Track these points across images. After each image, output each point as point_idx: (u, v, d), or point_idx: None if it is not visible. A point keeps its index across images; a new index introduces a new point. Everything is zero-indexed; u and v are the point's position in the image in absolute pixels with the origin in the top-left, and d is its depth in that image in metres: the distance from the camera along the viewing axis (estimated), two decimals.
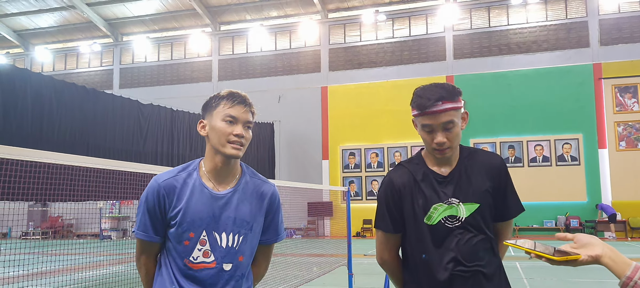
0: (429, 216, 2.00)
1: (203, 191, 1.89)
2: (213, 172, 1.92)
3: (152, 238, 1.91)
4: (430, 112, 1.93)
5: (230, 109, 1.88)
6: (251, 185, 1.99)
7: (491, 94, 20.45)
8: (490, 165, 2.07)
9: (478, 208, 1.99)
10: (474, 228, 1.99)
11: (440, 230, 1.99)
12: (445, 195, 2.00)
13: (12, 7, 24.92)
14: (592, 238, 1.38)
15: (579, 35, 20.19)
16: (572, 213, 18.88)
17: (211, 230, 1.87)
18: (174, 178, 1.91)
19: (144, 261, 1.97)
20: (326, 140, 22.19)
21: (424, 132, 1.99)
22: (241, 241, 1.91)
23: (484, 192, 2.01)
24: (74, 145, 10.20)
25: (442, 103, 1.92)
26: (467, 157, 2.08)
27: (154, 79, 25.63)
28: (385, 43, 22.40)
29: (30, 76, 9.92)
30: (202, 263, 1.86)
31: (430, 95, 1.94)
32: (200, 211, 1.86)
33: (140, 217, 1.91)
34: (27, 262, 9.48)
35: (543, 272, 10.22)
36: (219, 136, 1.87)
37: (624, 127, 19.10)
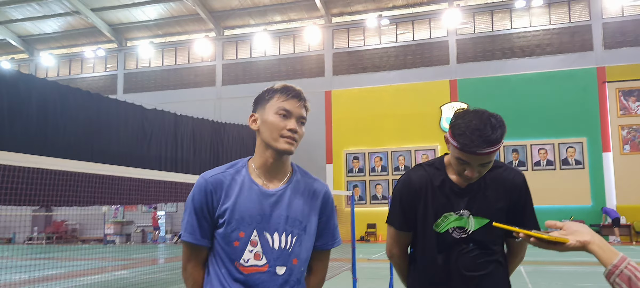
0: (438, 224, 2.03)
1: (252, 188, 1.79)
2: (263, 168, 1.83)
3: (200, 241, 1.78)
4: (472, 154, 1.87)
5: (284, 102, 1.80)
6: (303, 183, 1.89)
7: (495, 97, 20.40)
8: (512, 183, 2.07)
9: (487, 224, 2.00)
10: (481, 243, 2.01)
11: (447, 239, 2.01)
12: (457, 206, 2.02)
13: (17, 12, 25.08)
14: (581, 226, 1.39)
15: (582, 38, 20.15)
16: (577, 217, 18.79)
17: (262, 229, 1.75)
18: (222, 174, 1.81)
19: (191, 269, 1.82)
20: (330, 144, 22.19)
21: (456, 161, 1.95)
22: (294, 242, 1.78)
23: (497, 209, 2.02)
24: (78, 150, 10.23)
25: (487, 147, 1.85)
26: (491, 171, 2.05)
27: (157, 83, 25.70)
28: (388, 47, 22.42)
29: (34, 81, 9.97)
30: (254, 266, 1.73)
31: (477, 140, 1.84)
32: (249, 209, 1.75)
33: (187, 219, 1.79)
34: (32, 267, 9.52)
35: (548, 276, 10.18)
36: (271, 130, 1.78)
37: (628, 131, 19.02)
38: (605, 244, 1.34)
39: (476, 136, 1.84)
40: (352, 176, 21.72)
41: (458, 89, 20.99)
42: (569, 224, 1.41)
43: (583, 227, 1.39)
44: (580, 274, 10.48)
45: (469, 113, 1.92)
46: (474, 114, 1.91)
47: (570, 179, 19.24)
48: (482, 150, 1.84)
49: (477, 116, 1.89)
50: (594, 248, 1.34)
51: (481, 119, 1.87)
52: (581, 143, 19.36)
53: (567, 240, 1.35)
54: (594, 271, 10.67)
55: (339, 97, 22.37)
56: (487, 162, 1.91)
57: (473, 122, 1.87)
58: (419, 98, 20.85)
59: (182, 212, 1.97)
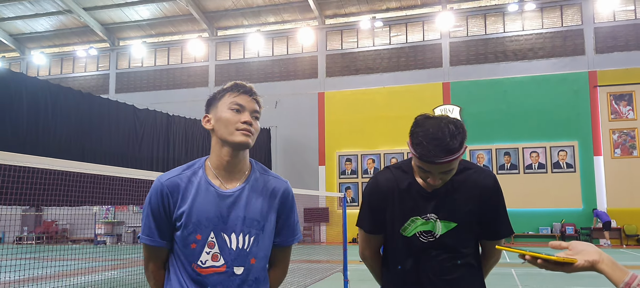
0: (405, 228, 1.99)
1: (209, 189, 1.78)
2: (220, 168, 1.81)
3: (158, 243, 1.79)
4: (431, 163, 1.82)
5: (236, 97, 1.80)
6: (261, 181, 1.87)
7: (487, 100, 20.51)
8: (482, 186, 1.99)
9: (455, 227, 1.96)
10: (449, 248, 1.97)
11: (414, 243, 1.98)
12: (424, 210, 1.97)
13: (9, 11, 24.88)
14: (587, 246, 1.36)
15: (574, 43, 20.30)
16: (568, 220, 18.92)
17: (219, 231, 1.75)
18: (178, 177, 1.80)
19: (152, 269, 1.85)
20: (323, 146, 22.18)
21: (418, 170, 1.92)
22: (252, 242, 1.79)
23: (466, 212, 1.97)
24: (69, 150, 10.16)
25: (446, 156, 1.80)
26: (460, 173, 1.99)
27: (150, 83, 25.59)
28: (382, 49, 22.46)
29: (26, 80, 9.89)
30: (211, 267, 1.75)
31: (434, 150, 1.79)
32: (206, 211, 1.75)
33: (144, 221, 1.80)
34: (21, 267, 9.42)
35: (539, 278, 10.22)
36: (226, 125, 1.77)
37: (619, 135, 19.18)
38: (613, 263, 1.32)
39: (433, 146, 1.79)
40: (344, 178, 21.73)
41: (451, 91, 21.07)
42: (575, 244, 1.38)
43: (590, 246, 1.36)
44: (571, 277, 10.53)
45: (428, 120, 1.86)
46: (432, 121, 1.85)
47: (562, 182, 19.36)
48: (440, 159, 1.79)
49: (435, 124, 1.83)
50: (602, 267, 1.31)
51: (439, 127, 1.81)
52: (573, 146, 19.48)
53: (575, 260, 1.32)
54: (584, 274, 10.72)
55: (332, 98, 22.37)
56: (449, 170, 1.87)
57: (430, 130, 1.81)
58: (412, 100, 20.90)
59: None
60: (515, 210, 19.61)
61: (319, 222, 21.85)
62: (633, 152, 18.96)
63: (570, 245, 1.39)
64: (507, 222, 2.05)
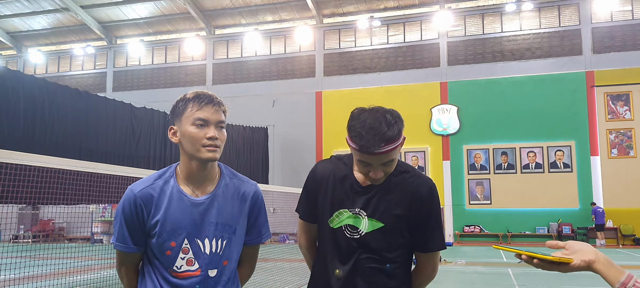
0: (332, 219, 1.98)
1: (181, 198, 1.81)
2: (190, 177, 1.83)
3: (131, 249, 1.84)
4: (371, 154, 1.79)
5: (198, 111, 1.77)
6: (231, 186, 1.91)
7: (484, 100, 20.54)
8: (415, 192, 1.93)
9: (382, 228, 1.91)
10: (372, 247, 1.92)
11: (339, 236, 1.96)
12: (353, 204, 1.95)
13: (5, 8, 24.79)
14: (584, 246, 1.37)
15: (572, 43, 20.34)
16: (565, 220, 18.96)
17: (193, 237, 1.80)
18: (151, 187, 1.82)
19: (124, 272, 1.91)
20: (320, 145, 22.19)
21: (359, 164, 1.87)
22: (225, 245, 1.85)
23: (395, 215, 1.92)
24: (66, 148, 10.13)
25: (385, 145, 1.78)
26: (397, 174, 1.96)
27: (147, 82, 25.54)
28: (379, 49, 22.46)
29: (22, 78, 9.86)
30: (187, 271, 1.80)
31: (373, 140, 1.78)
32: (180, 220, 1.79)
33: (118, 228, 1.84)
34: (18, 265, 9.40)
35: (535, 278, 10.25)
36: (191, 142, 1.77)
37: (616, 135, 19.23)
38: (609, 263, 1.32)
39: (371, 135, 1.78)
40: None
41: (448, 91, 21.09)
42: (572, 244, 1.38)
43: (586, 246, 1.36)
44: (567, 276, 10.56)
45: (364, 112, 1.86)
46: (368, 113, 1.85)
47: (559, 182, 19.40)
48: (379, 149, 1.78)
49: (371, 115, 1.83)
50: (598, 267, 1.31)
51: (376, 118, 1.81)
52: (570, 146, 19.53)
53: (571, 260, 1.32)
54: (581, 273, 10.75)
55: (329, 97, 22.37)
56: (389, 160, 1.83)
57: (368, 121, 1.81)
58: (409, 100, 20.92)
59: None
60: (512, 209, 19.66)
61: None
62: (630, 152, 19.01)
63: (567, 244, 1.39)
64: (439, 235, 1.98)
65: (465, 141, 20.48)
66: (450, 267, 12.07)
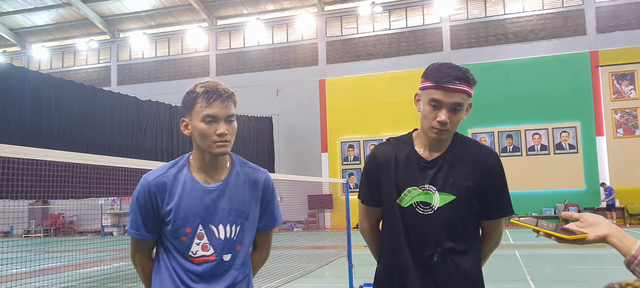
0: (401, 198, 1.95)
1: (194, 186, 1.87)
2: (203, 167, 1.90)
3: (145, 236, 1.90)
4: (445, 88, 1.85)
5: (207, 108, 1.80)
6: (242, 174, 1.96)
7: (489, 83, 20.44)
8: (483, 162, 1.95)
9: (454, 200, 1.91)
10: (447, 220, 1.91)
11: (410, 214, 1.94)
12: (422, 180, 1.94)
13: (8, 5, 24.85)
14: (598, 218, 1.38)
15: (575, 23, 20.20)
16: (571, 201, 18.97)
17: (207, 223, 1.85)
18: (164, 176, 1.88)
19: (138, 259, 1.97)
20: (325, 133, 22.23)
21: (429, 106, 1.90)
22: (238, 231, 1.90)
23: (465, 186, 1.92)
24: (73, 143, 10.23)
25: (460, 83, 1.85)
26: (459, 146, 1.98)
27: (151, 75, 25.61)
28: (382, 35, 22.39)
29: (28, 74, 9.93)
30: (202, 257, 1.85)
31: (450, 71, 1.86)
32: (193, 206, 1.84)
33: (132, 216, 1.89)
34: (30, 260, 9.56)
35: (542, 260, 10.31)
36: (201, 138, 1.83)
37: (622, 115, 19.15)
38: (623, 235, 1.33)
39: (449, 68, 1.87)
40: (347, 164, 21.79)
41: None
42: (586, 216, 1.40)
43: (601, 219, 1.37)
44: (574, 257, 10.62)
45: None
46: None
47: (564, 163, 19.38)
48: (455, 84, 1.84)
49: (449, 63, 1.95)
50: (613, 240, 1.33)
51: (452, 63, 1.94)
52: (575, 127, 19.48)
53: (586, 235, 1.35)
54: (587, 254, 10.81)
55: (333, 85, 22.36)
56: (459, 104, 1.86)
57: (445, 63, 1.93)
58: (413, 85, 20.77)
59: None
60: (518, 192, 19.66)
61: (322, 209, 21.96)
62: (635, 131, 18.95)
63: (582, 217, 1.41)
64: (507, 201, 2.00)
65: (470, 125, 20.45)
66: None
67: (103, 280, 9.71)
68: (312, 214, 22.16)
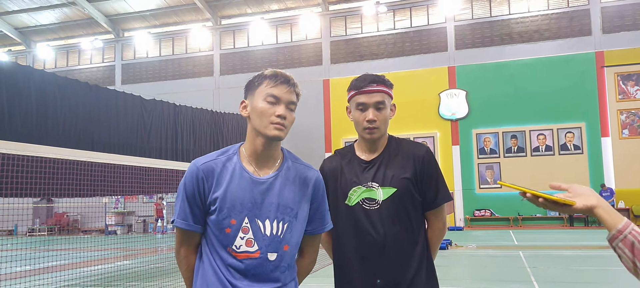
0: (349, 198, 2.15)
1: (243, 175, 1.81)
2: (254, 155, 1.84)
3: (192, 227, 1.81)
4: (366, 91, 2.14)
5: (273, 88, 1.80)
6: (294, 170, 1.90)
7: (493, 84, 20.42)
8: (414, 155, 2.17)
9: (395, 192, 2.10)
10: (392, 213, 2.09)
11: (358, 211, 2.12)
12: (365, 179, 2.15)
13: (13, 4, 24.95)
14: (586, 189, 1.38)
15: (581, 23, 20.12)
16: None
17: (253, 216, 1.78)
18: (214, 162, 1.82)
19: (184, 253, 1.87)
20: (329, 133, 22.22)
21: (357, 110, 2.18)
22: (286, 229, 1.81)
23: (403, 178, 2.12)
24: (78, 142, 10.26)
25: (377, 85, 2.15)
26: (394, 145, 2.23)
27: (155, 74, 25.66)
28: (386, 35, 22.37)
29: (33, 73, 9.97)
30: (246, 252, 1.76)
31: (367, 77, 2.17)
32: (240, 196, 1.78)
33: (179, 205, 1.81)
34: (34, 258, 9.60)
35: (546, 261, 10.27)
36: (260, 117, 1.80)
37: (627, 115, 19.06)
38: (610, 209, 1.34)
39: (366, 76, 2.19)
40: None
41: (456, 75, 20.98)
42: (575, 187, 1.41)
43: (589, 191, 1.38)
44: (579, 258, 10.57)
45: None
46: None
47: (569, 164, 19.31)
48: (372, 86, 2.15)
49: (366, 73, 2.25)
50: (600, 212, 1.33)
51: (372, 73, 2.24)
52: (580, 128, 19.40)
53: (574, 202, 1.35)
54: (592, 255, 10.77)
55: (337, 85, 22.35)
56: (381, 102, 2.14)
57: (364, 74, 2.24)
58: (417, 85, 20.85)
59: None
60: None
61: None
62: None
63: (571, 187, 1.41)
64: (443, 188, 2.19)
65: (475, 125, 20.41)
66: (461, 251, 12.11)
67: (107, 279, 9.73)
68: None
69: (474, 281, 8.25)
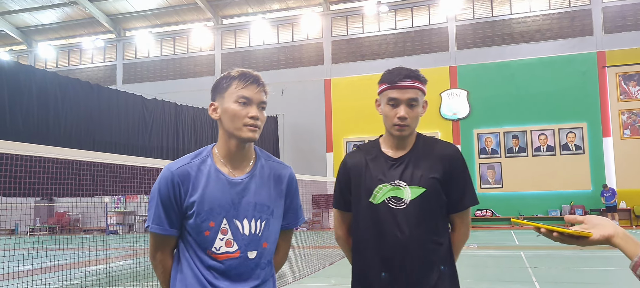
0: (374, 195, 2.05)
1: (219, 177, 1.80)
2: (228, 157, 1.83)
3: (168, 231, 1.80)
4: (398, 86, 2.04)
5: (243, 89, 1.77)
6: (267, 168, 1.90)
7: (494, 83, 20.40)
8: (443, 155, 2.09)
9: (424, 193, 2.01)
10: (419, 213, 2.00)
11: (383, 210, 2.02)
12: (391, 177, 2.05)
13: (14, 3, 24.97)
14: (603, 220, 1.36)
15: (582, 23, 20.09)
16: (577, 202, 18.87)
17: (232, 217, 1.78)
18: (188, 165, 1.80)
19: (160, 258, 1.85)
20: (330, 132, 22.21)
21: (388, 105, 2.08)
22: (264, 227, 1.83)
23: (432, 178, 2.03)
24: (80, 141, 10.27)
25: (411, 81, 2.05)
26: (422, 144, 2.13)
27: (157, 73, 25.67)
28: (387, 34, 22.36)
29: (34, 73, 9.97)
30: (226, 253, 1.77)
31: (402, 72, 2.07)
32: (218, 199, 1.77)
33: (154, 210, 1.79)
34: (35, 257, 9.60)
35: (548, 261, 10.26)
36: (232, 119, 1.77)
37: (629, 115, 19.04)
38: (628, 237, 1.31)
39: (398, 70, 2.08)
40: None
41: (458, 75, 20.97)
42: (591, 218, 1.38)
43: (605, 221, 1.36)
44: (580, 258, 10.56)
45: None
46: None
47: (571, 164, 19.28)
48: (406, 81, 2.04)
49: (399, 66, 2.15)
50: (617, 241, 1.31)
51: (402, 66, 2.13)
52: (581, 128, 19.38)
53: (590, 234, 1.32)
54: (594, 255, 10.75)
55: (338, 85, 22.34)
56: (414, 99, 2.04)
57: (398, 66, 2.13)
58: None
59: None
60: (524, 192, 19.61)
61: (327, 209, 21.94)
62: None
63: (586, 219, 1.39)
64: (471, 191, 2.12)
65: (476, 125, 20.39)
66: (462, 251, 12.06)
67: (108, 278, 9.74)
68: (317, 214, 22.15)
69: (475, 281, 8.24)
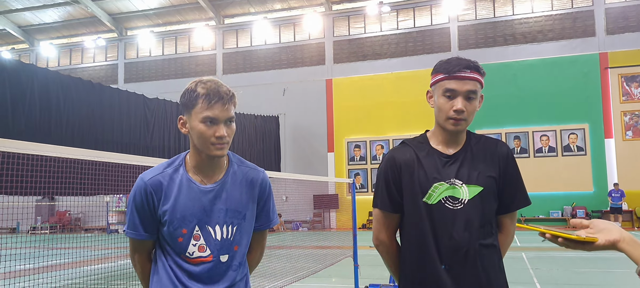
0: (429, 195, 1.91)
1: (191, 186, 1.85)
2: (198, 167, 1.88)
3: (143, 236, 1.89)
4: (457, 76, 1.91)
5: (208, 110, 1.76)
6: (240, 173, 1.94)
7: (496, 84, 20.33)
8: (498, 153, 1.99)
9: (482, 191, 1.90)
10: (476, 213, 1.88)
11: (440, 211, 1.89)
12: (447, 175, 1.92)
13: (17, 2, 24.99)
14: (609, 224, 1.35)
15: (584, 24, 20.05)
16: (579, 204, 18.83)
17: (204, 224, 1.84)
18: (160, 175, 1.86)
19: (137, 259, 1.96)
20: (331, 132, 22.19)
21: (444, 97, 1.93)
22: (235, 231, 1.89)
23: (488, 177, 1.93)
24: (81, 140, 10.27)
25: (470, 71, 1.92)
26: (474, 140, 2.02)
27: (158, 73, 25.67)
28: (389, 35, 22.33)
29: (36, 71, 9.98)
30: (199, 257, 1.84)
31: (461, 61, 1.93)
32: (190, 207, 1.83)
33: (129, 216, 1.88)
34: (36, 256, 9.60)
35: (549, 262, 10.23)
36: (199, 139, 1.80)
37: (631, 117, 18.99)
38: (635, 242, 1.31)
39: (457, 60, 1.94)
40: (353, 164, 21.75)
41: None
42: (597, 222, 1.37)
43: (611, 225, 1.35)
44: (582, 260, 10.53)
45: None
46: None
47: (573, 166, 19.24)
48: (466, 72, 1.91)
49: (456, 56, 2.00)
50: (624, 246, 1.30)
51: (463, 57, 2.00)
52: (583, 129, 19.33)
53: (596, 239, 1.31)
54: (596, 257, 10.72)
55: (339, 85, 22.32)
56: (472, 92, 1.91)
57: (455, 56, 2.00)
58: (420, 85, 20.76)
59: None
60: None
61: (328, 209, 21.93)
62: None
63: (592, 223, 1.38)
64: (524, 191, 2.04)
65: (478, 126, 20.34)
66: None
67: (108, 277, 9.74)
68: (318, 214, 22.13)
69: None
